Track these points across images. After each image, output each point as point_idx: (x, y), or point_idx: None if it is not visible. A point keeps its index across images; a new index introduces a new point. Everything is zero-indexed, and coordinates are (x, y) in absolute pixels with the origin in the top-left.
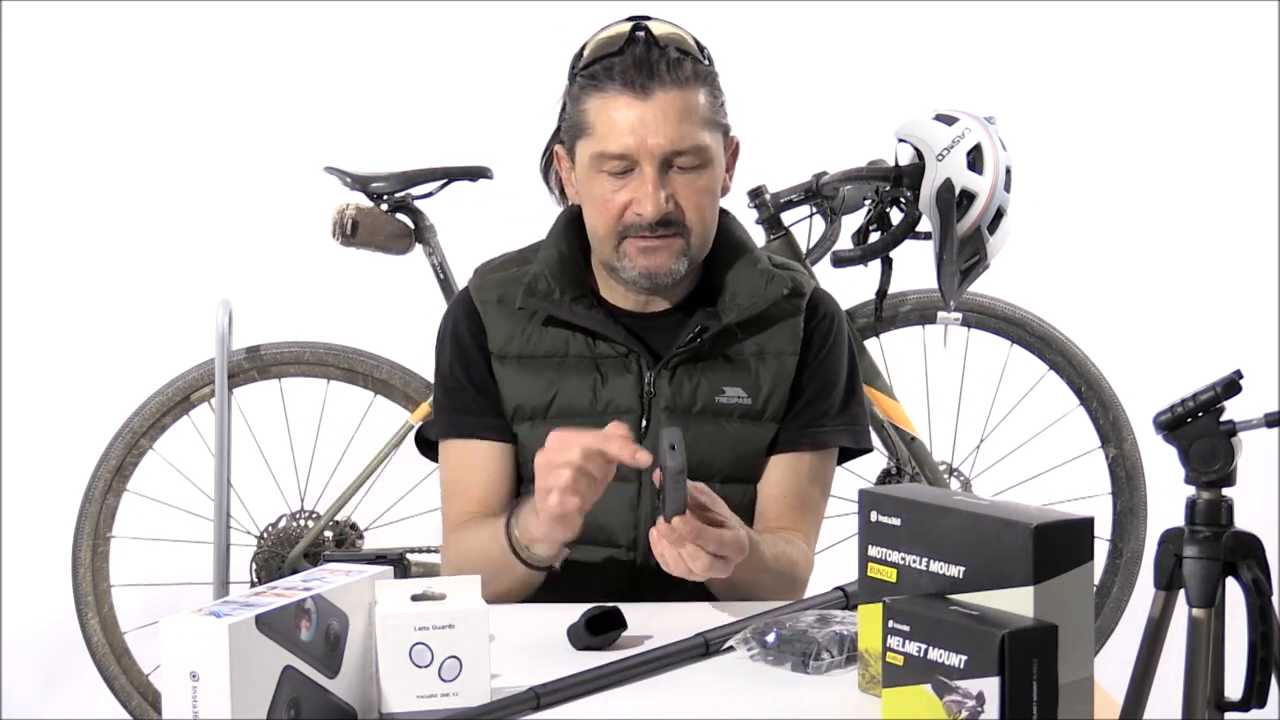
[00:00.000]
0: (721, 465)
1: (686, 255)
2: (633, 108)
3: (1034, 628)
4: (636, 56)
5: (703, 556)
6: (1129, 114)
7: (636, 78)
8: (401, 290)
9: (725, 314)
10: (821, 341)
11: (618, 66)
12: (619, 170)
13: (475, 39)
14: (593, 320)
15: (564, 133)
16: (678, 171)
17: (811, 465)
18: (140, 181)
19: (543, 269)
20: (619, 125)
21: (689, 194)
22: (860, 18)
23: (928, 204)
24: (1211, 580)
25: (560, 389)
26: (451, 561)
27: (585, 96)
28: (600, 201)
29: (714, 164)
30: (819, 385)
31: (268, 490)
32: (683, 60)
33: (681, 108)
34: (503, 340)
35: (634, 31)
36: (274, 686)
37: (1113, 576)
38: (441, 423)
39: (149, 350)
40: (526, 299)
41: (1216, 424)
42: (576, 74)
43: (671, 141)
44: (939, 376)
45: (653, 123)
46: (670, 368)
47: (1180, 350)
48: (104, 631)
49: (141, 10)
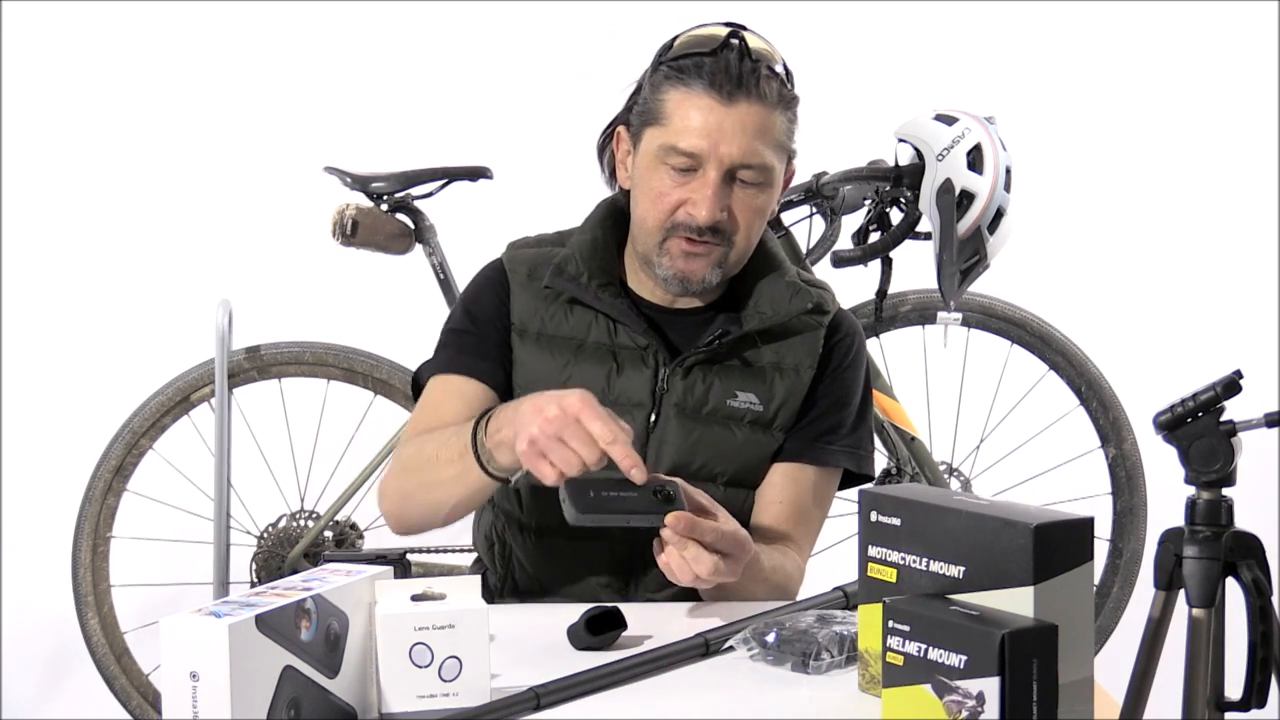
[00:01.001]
0: (725, 469)
1: (722, 267)
2: (714, 111)
3: (1034, 628)
4: (728, 62)
5: (705, 558)
6: (1129, 114)
7: (725, 82)
8: (401, 290)
9: (748, 321)
10: (840, 360)
11: (708, 66)
12: (683, 167)
13: (475, 39)
14: (616, 308)
15: (634, 116)
16: (740, 185)
17: (811, 479)
18: (140, 182)
19: (574, 252)
20: (695, 124)
21: (744, 209)
22: (860, 18)
23: (928, 204)
24: (1211, 580)
25: (575, 373)
26: (400, 458)
27: (668, 86)
28: (656, 193)
29: (774, 186)
30: (831, 401)
31: (268, 490)
32: (771, 79)
33: (760, 124)
34: (526, 314)
35: (730, 37)
36: (274, 686)
37: (1113, 576)
38: (437, 360)
39: (149, 350)
40: (554, 278)
41: (1216, 424)
42: (663, 62)
43: (743, 154)
44: (939, 376)
45: (730, 130)
46: (686, 367)
47: (1180, 350)
48: (104, 631)
49: (141, 10)
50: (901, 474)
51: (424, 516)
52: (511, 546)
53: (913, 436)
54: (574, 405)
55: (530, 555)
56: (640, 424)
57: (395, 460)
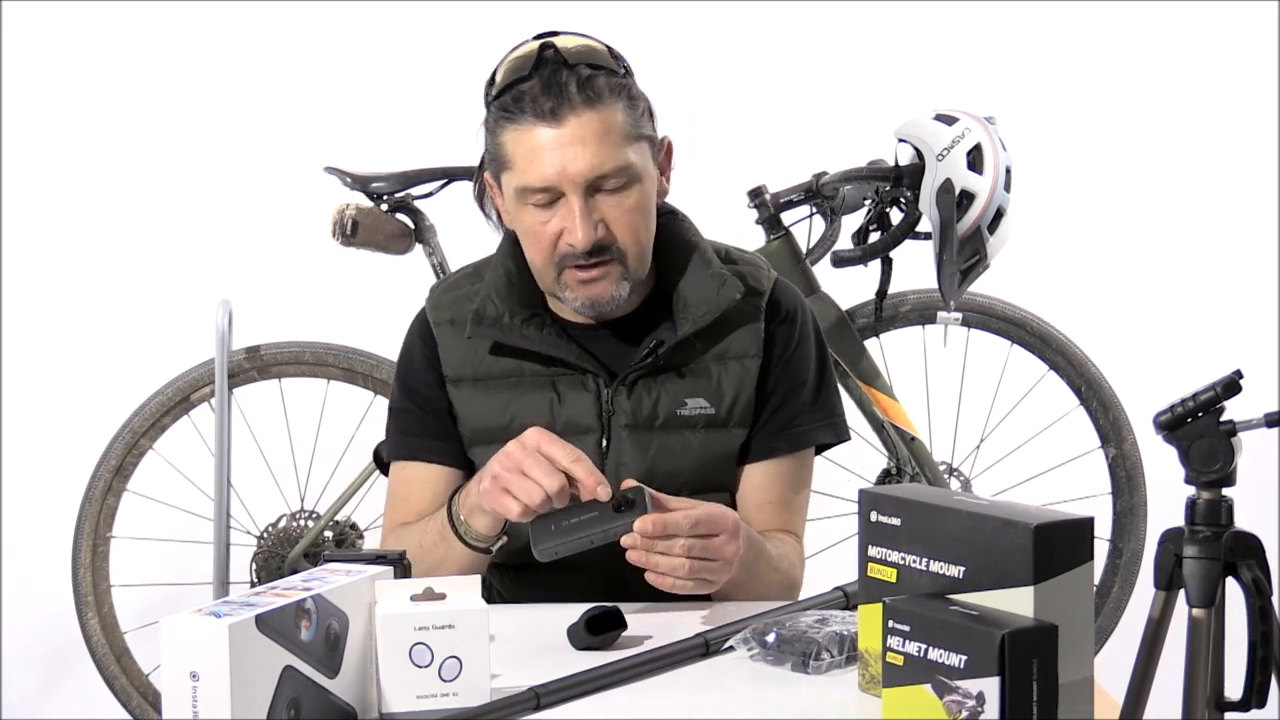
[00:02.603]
0: (689, 476)
1: (627, 279)
2: (547, 136)
3: (1034, 628)
4: (545, 80)
5: (674, 555)
6: (1129, 114)
7: (547, 104)
8: (401, 290)
9: (681, 325)
10: (785, 343)
11: (528, 94)
12: (545, 202)
13: (475, 39)
14: (544, 343)
15: (487, 164)
16: (605, 194)
17: (791, 467)
18: (140, 182)
19: (490, 292)
20: (537, 157)
21: (619, 215)
22: (860, 18)
23: (928, 204)
24: (1211, 580)
25: (517, 410)
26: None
27: (501, 129)
28: (532, 234)
29: (643, 179)
30: (788, 387)
31: (268, 490)
32: (594, 77)
33: (598, 129)
34: (456, 363)
35: (541, 51)
36: (274, 686)
37: (1113, 576)
38: (390, 444)
39: (149, 350)
40: (475, 328)
41: (1216, 424)
42: (490, 103)
43: (593, 167)
44: (939, 376)
45: (570, 150)
46: (629, 384)
47: (1180, 350)
48: (104, 631)
49: (141, 10)
50: (901, 474)
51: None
52: (493, 584)
53: (913, 436)
54: (531, 438)
55: (512, 593)
56: (592, 448)
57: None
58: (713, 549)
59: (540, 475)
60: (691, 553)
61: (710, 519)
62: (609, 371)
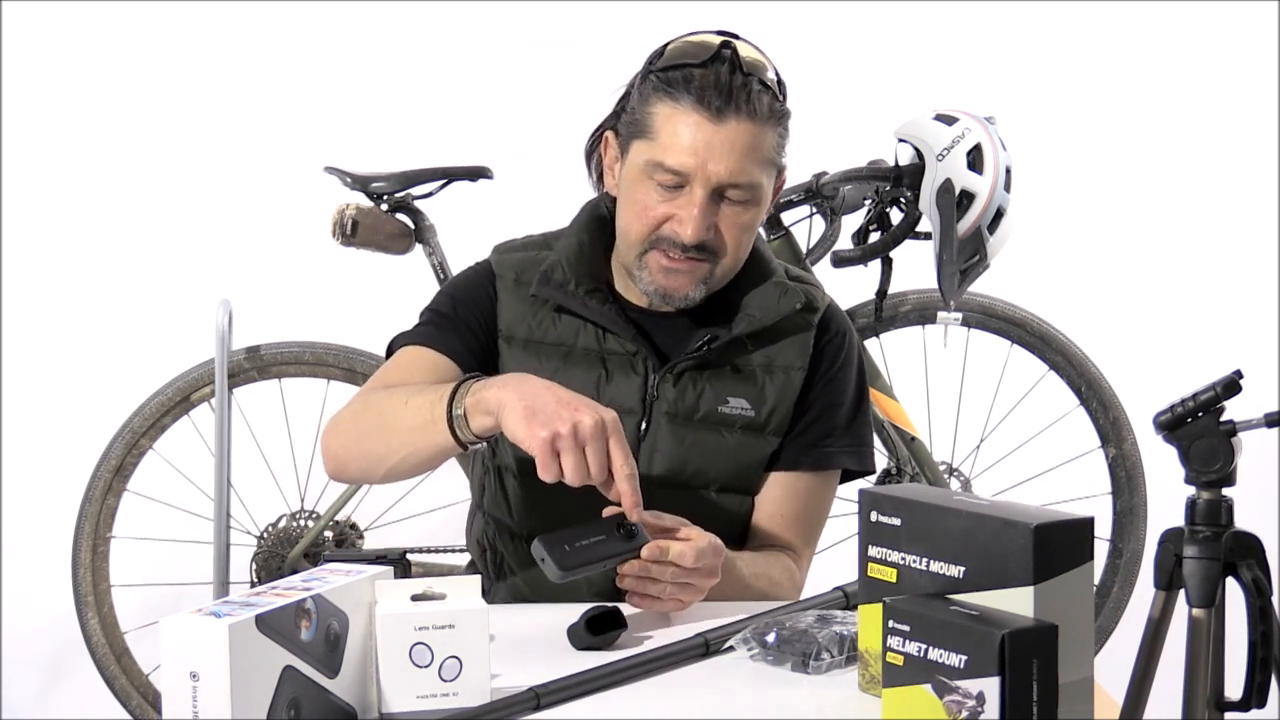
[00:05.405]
0: (718, 475)
1: (707, 283)
2: (702, 128)
3: (1034, 628)
4: (718, 75)
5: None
6: (1129, 114)
7: (714, 99)
8: (401, 290)
9: (737, 325)
10: (832, 359)
11: (697, 79)
12: (670, 184)
13: (475, 39)
14: (603, 316)
15: (622, 124)
16: (727, 202)
17: (811, 485)
18: (140, 182)
19: (560, 258)
20: (683, 141)
21: (731, 227)
22: (860, 18)
23: (928, 204)
24: (1211, 580)
25: (563, 379)
26: (363, 398)
27: (657, 99)
28: (641, 206)
29: (761, 203)
30: (825, 403)
31: (268, 490)
32: (763, 93)
33: (750, 142)
34: (513, 320)
35: (721, 48)
36: (274, 686)
37: (1113, 576)
38: (413, 332)
39: (149, 350)
40: (540, 287)
41: (1216, 424)
42: (652, 71)
43: (731, 173)
44: (939, 376)
45: (718, 149)
46: (676, 373)
47: (1180, 350)
48: (104, 631)
49: (141, 10)
50: (901, 474)
51: (364, 467)
52: (503, 554)
53: (913, 436)
54: (612, 423)
55: (521, 562)
56: (631, 431)
57: (357, 399)
58: (697, 577)
59: (595, 465)
60: (677, 579)
61: (713, 549)
62: (660, 357)
